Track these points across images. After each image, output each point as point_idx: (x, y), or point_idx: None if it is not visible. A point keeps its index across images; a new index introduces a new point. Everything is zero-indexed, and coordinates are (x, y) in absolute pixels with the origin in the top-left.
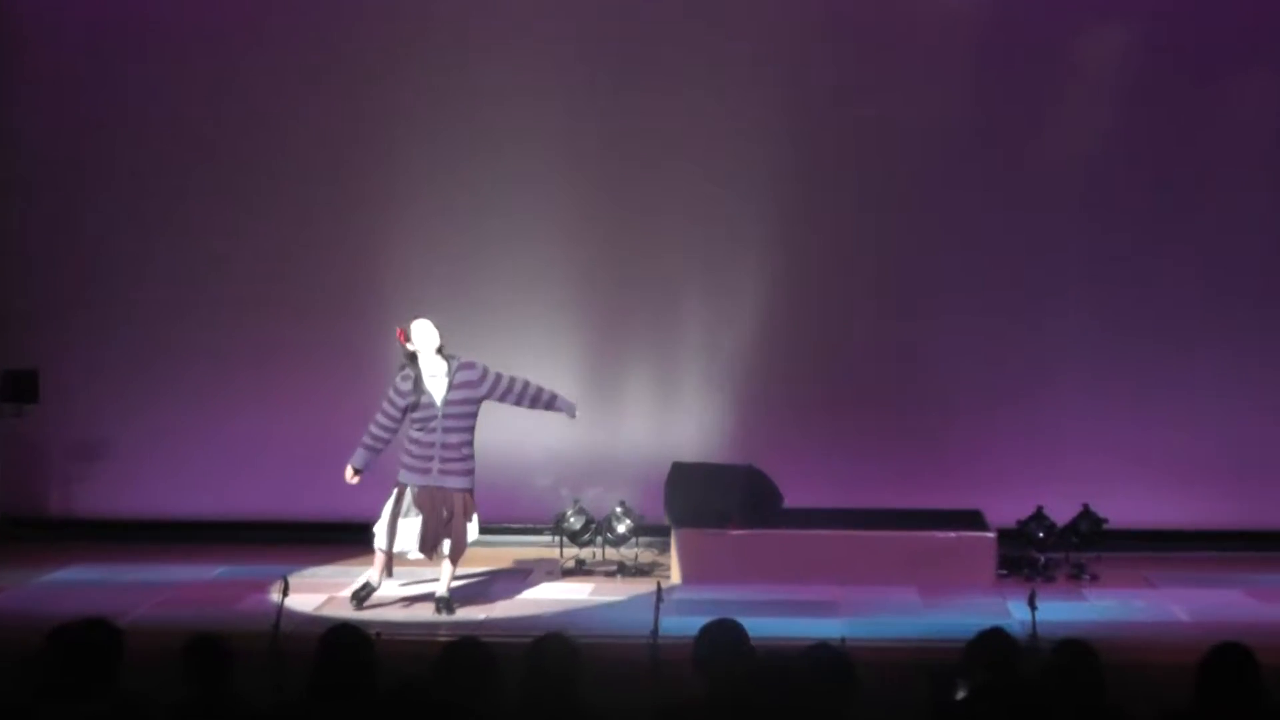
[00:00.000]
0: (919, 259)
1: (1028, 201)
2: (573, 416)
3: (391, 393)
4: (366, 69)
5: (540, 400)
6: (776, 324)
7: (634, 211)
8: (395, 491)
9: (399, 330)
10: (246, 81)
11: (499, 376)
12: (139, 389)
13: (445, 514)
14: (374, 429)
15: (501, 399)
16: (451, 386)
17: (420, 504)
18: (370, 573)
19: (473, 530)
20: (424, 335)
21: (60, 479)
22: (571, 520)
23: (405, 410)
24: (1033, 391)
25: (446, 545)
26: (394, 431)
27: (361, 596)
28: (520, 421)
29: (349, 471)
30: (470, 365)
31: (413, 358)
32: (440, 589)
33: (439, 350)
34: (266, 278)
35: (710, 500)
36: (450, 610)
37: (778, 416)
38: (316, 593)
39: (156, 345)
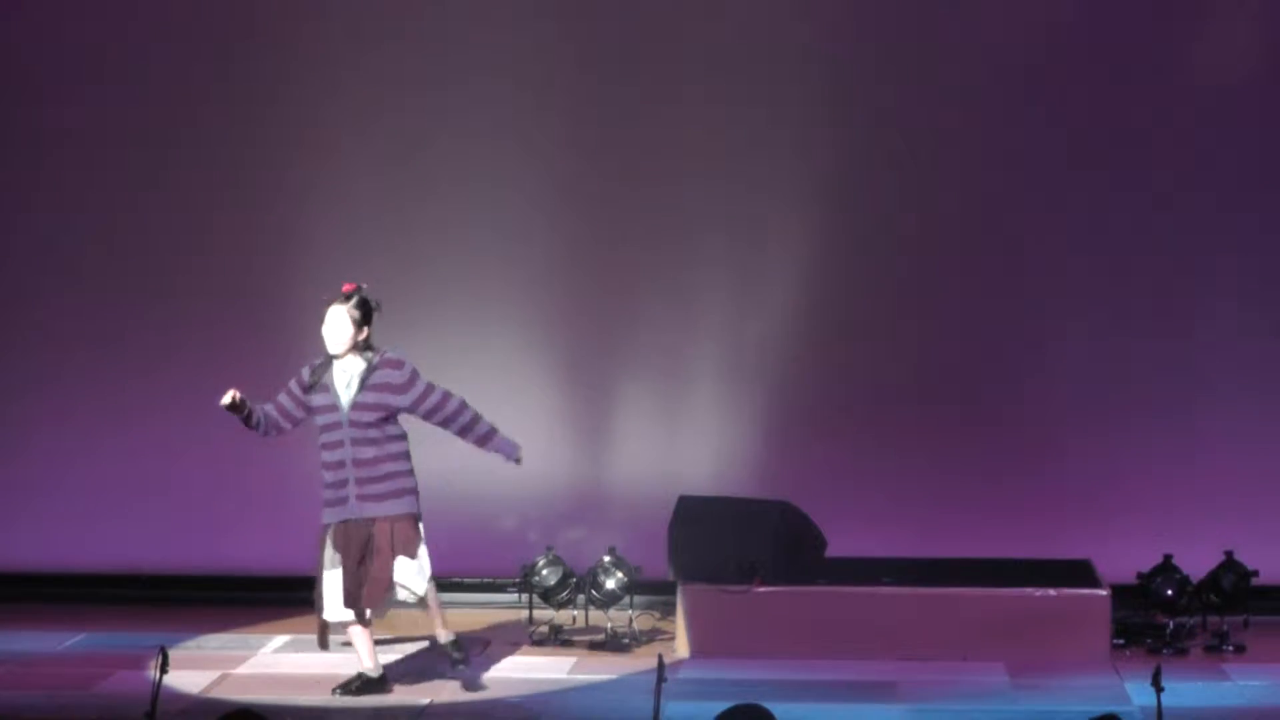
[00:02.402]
0: (1015, 236)
1: (1169, 172)
2: (514, 460)
3: (292, 381)
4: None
5: (474, 431)
6: (818, 317)
7: (631, 183)
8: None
9: (346, 286)
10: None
11: (430, 388)
12: None
13: (363, 552)
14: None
15: (427, 417)
16: (364, 387)
17: (338, 546)
18: (361, 657)
19: (413, 570)
20: (331, 329)
21: None
22: (544, 574)
23: (305, 404)
24: (1162, 407)
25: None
26: (285, 414)
27: (355, 689)
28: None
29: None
30: (397, 364)
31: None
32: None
33: (359, 347)
34: (142, 278)
35: (729, 547)
36: (375, 690)
37: (820, 437)
38: (204, 669)
39: None
